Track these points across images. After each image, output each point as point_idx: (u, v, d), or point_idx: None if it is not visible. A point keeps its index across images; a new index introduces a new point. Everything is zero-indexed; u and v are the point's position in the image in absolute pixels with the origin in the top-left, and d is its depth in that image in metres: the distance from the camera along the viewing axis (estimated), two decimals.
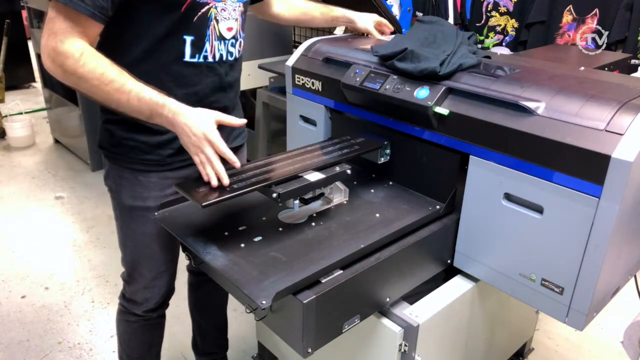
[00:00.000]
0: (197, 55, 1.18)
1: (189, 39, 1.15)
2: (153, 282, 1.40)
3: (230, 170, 1.18)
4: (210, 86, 1.24)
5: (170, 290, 1.47)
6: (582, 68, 1.40)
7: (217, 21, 1.17)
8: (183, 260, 1.41)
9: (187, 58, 1.17)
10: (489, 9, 3.31)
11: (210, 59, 1.20)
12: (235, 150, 1.44)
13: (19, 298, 2.32)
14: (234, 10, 1.20)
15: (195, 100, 1.20)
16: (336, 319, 1.06)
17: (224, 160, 1.10)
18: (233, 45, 1.25)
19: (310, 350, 1.02)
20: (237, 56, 1.29)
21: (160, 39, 1.14)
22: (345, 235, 1.15)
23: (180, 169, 1.29)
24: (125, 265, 1.42)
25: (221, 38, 1.20)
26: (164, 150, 1.25)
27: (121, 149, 1.26)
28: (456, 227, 1.28)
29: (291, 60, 1.61)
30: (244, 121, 1.15)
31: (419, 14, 3.49)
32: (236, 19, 1.22)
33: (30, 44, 4.97)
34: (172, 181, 1.29)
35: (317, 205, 1.28)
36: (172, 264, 1.42)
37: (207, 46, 1.18)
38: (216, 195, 1.04)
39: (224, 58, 1.23)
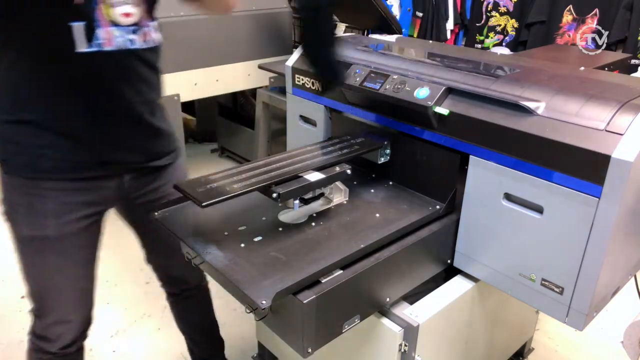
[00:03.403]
0: (90, 44, 1.05)
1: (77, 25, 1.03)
2: (67, 317, 1.27)
3: (230, 170, 1.18)
4: (117, 81, 1.12)
5: (88, 321, 1.33)
6: (582, 68, 1.40)
7: (108, 5, 1.05)
8: None
9: (80, 49, 1.04)
10: (489, 9, 3.31)
11: (107, 47, 1.07)
12: (161, 169, 1.30)
13: (19, 298, 2.32)
14: None
15: (100, 97, 1.12)
16: (336, 319, 1.06)
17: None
18: (135, 33, 1.11)
19: (310, 350, 1.02)
20: (144, 46, 1.14)
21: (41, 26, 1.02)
22: (345, 235, 1.15)
23: (76, 191, 1.16)
24: (32, 299, 1.27)
25: (115, 24, 1.07)
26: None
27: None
28: (456, 227, 1.28)
29: (291, 60, 1.61)
30: None
31: (419, 14, 3.49)
32: (135, 4, 1.09)
33: None
34: (70, 207, 1.17)
35: (317, 205, 1.28)
36: (88, 293, 1.31)
37: (101, 33, 1.05)
38: (216, 195, 1.04)
39: (126, 46, 1.10)
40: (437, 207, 1.28)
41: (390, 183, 1.42)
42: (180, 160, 1.37)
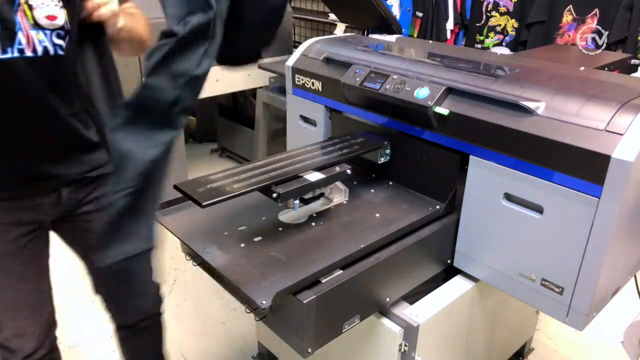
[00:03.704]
0: (8, 49, 0.96)
1: None
2: (23, 330, 1.22)
3: (230, 170, 1.18)
4: (40, 90, 1.01)
5: (48, 329, 1.28)
6: (582, 68, 1.41)
7: (29, 7, 0.96)
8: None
9: None
10: (489, 9, 3.31)
11: (28, 52, 0.97)
12: (102, 178, 1.21)
13: None
14: None
15: (24, 108, 1.02)
16: (336, 319, 1.06)
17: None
18: (60, 37, 1.01)
19: (310, 350, 1.02)
20: (72, 52, 1.04)
21: None
22: (345, 235, 1.15)
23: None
24: None
25: (38, 27, 0.98)
26: None
27: None
28: (456, 227, 1.28)
29: (291, 60, 1.61)
30: None
31: (419, 14, 3.49)
32: (61, 6, 1.00)
33: None
34: (3, 227, 1.12)
35: (317, 205, 1.28)
36: (42, 304, 1.25)
37: (21, 37, 0.96)
38: (216, 195, 1.04)
39: (51, 52, 1.00)
40: (437, 207, 1.28)
41: (390, 183, 1.41)
42: None
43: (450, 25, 3.50)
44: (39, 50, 0.99)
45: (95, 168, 1.19)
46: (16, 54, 0.96)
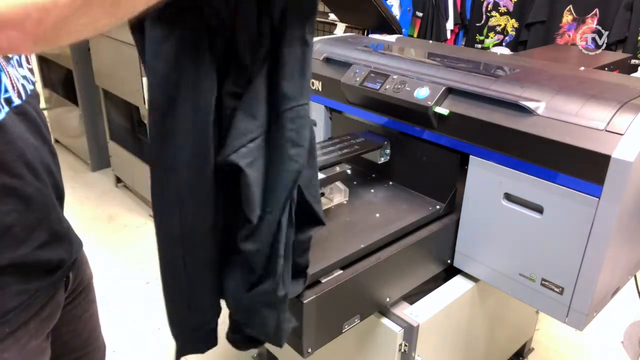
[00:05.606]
0: None
1: None
2: None
3: None
4: (34, 145, 0.73)
5: None
6: (582, 68, 1.41)
7: None
8: None
9: None
10: (489, 9, 3.31)
11: (16, 100, 0.70)
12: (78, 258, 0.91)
13: None
14: None
15: (32, 178, 0.72)
16: (336, 319, 1.06)
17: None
18: (21, 65, 0.75)
19: (310, 350, 1.02)
20: (33, 79, 0.78)
21: None
22: (345, 235, 1.15)
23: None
24: None
25: (8, 59, 0.70)
26: None
27: None
28: (456, 227, 1.28)
29: None
30: None
31: (419, 14, 3.49)
32: None
33: None
34: (38, 349, 0.79)
35: None
36: None
37: (4, 79, 0.69)
38: None
39: (28, 89, 0.75)
40: (437, 207, 1.28)
41: (390, 183, 1.41)
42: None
43: (450, 25, 3.51)
44: (22, 92, 0.72)
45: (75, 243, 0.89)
46: (5, 109, 0.68)
